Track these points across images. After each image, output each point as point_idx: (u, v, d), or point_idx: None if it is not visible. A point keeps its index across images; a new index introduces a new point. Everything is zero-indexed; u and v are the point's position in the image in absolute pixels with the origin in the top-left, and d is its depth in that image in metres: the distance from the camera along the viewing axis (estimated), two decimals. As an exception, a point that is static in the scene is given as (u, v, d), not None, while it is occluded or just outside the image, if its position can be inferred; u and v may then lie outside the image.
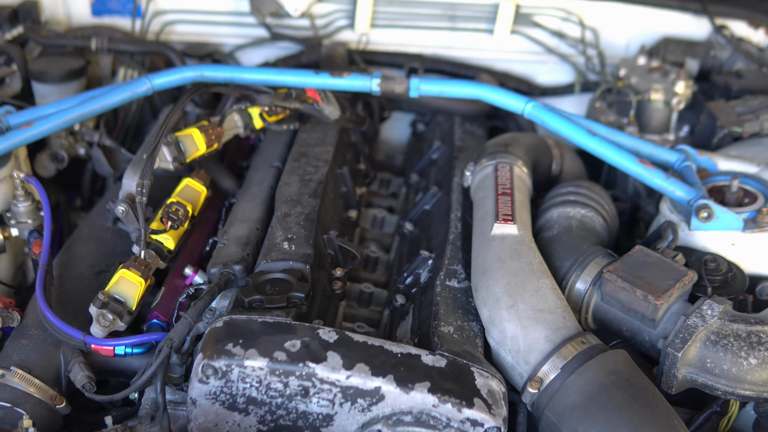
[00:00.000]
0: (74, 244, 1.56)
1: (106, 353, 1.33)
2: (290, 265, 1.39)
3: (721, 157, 1.64)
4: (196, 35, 2.25)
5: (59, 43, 2.03)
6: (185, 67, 1.67)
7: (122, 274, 1.37)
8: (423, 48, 2.23)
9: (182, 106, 1.58)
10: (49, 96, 1.89)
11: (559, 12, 2.19)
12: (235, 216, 1.56)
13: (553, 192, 1.65)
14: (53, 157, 1.87)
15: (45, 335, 1.34)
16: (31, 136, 1.56)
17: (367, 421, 1.15)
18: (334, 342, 1.18)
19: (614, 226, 1.62)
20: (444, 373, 1.17)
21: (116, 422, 1.27)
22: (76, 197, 1.98)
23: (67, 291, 1.44)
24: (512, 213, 1.48)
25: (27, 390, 1.27)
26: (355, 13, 2.19)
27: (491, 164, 1.63)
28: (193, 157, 1.58)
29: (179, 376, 1.28)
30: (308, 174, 1.65)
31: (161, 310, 1.42)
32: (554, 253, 1.48)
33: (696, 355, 1.25)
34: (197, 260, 1.54)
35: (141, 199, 1.42)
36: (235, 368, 1.14)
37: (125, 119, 2.06)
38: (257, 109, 1.70)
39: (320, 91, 1.71)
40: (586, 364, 1.21)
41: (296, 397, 1.15)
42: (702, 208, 1.45)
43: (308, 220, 1.51)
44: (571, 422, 1.17)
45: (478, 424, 1.13)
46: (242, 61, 2.29)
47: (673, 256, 1.40)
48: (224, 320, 1.22)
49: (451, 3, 2.20)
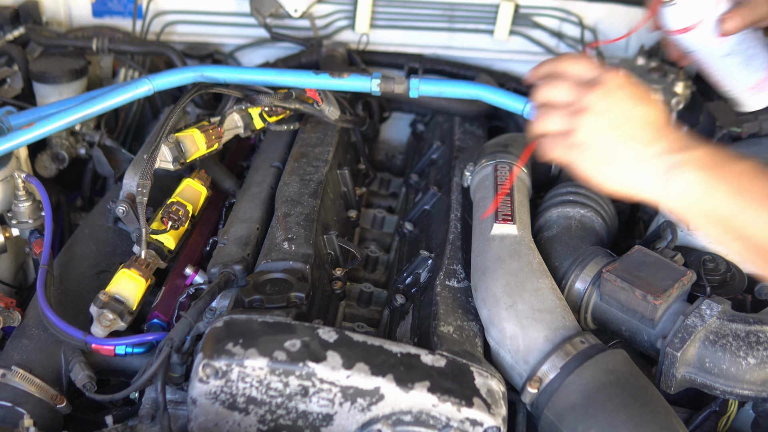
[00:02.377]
0: (75, 244, 1.56)
1: (106, 353, 1.34)
2: (290, 265, 1.40)
3: (720, 158, 1.64)
4: (196, 36, 2.26)
5: (60, 43, 2.03)
6: (186, 68, 1.67)
7: (123, 273, 1.37)
8: (423, 48, 2.23)
9: (183, 106, 1.58)
10: (50, 96, 1.89)
11: (558, 12, 2.19)
12: (235, 216, 1.57)
13: (552, 192, 1.65)
14: (54, 157, 1.87)
15: (46, 335, 1.34)
16: (33, 136, 1.56)
17: (367, 421, 1.15)
18: (333, 342, 1.18)
19: (613, 226, 1.63)
20: (443, 372, 1.17)
21: (117, 421, 1.27)
22: (77, 197, 1.99)
23: (67, 291, 1.45)
24: (512, 213, 1.49)
25: (28, 389, 1.27)
26: (355, 13, 2.19)
27: (491, 164, 1.63)
28: (193, 157, 1.59)
29: (179, 375, 1.28)
30: (308, 174, 1.65)
31: (161, 309, 1.43)
32: (553, 253, 1.48)
33: (695, 354, 1.26)
34: (197, 260, 1.55)
35: (141, 199, 1.42)
36: (235, 368, 1.15)
37: (126, 119, 2.06)
38: (257, 110, 1.70)
39: (320, 92, 1.71)
40: (585, 363, 1.21)
41: (296, 396, 1.15)
42: (701, 208, 1.45)
43: (308, 220, 1.51)
44: (570, 422, 1.18)
45: (477, 423, 1.13)
46: (242, 62, 2.29)
47: (672, 256, 1.40)
48: (224, 320, 1.22)
49: (451, 3, 2.20)
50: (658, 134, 1.01)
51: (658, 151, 1.00)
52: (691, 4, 1.22)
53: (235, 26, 2.25)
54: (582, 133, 1.01)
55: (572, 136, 1.02)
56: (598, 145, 1.01)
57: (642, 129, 1.01)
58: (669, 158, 1.00)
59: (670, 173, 0.99)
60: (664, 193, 1.01)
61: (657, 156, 1.00)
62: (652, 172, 1.00)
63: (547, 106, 1.05)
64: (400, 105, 2.16)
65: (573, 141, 1.02)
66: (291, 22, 2.22)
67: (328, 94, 1.74)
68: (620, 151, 1.01)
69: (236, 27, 2.25)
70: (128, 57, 2.08)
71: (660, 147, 1.00)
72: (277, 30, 2.21)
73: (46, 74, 1.89)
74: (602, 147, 1.01)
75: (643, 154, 1.00)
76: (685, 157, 0.99)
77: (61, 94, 1.89)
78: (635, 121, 1.01)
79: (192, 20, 2.24)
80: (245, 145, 1.95)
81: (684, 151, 1.00)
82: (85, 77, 1.95)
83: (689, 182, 0.98)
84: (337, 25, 2.23)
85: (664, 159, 1.00)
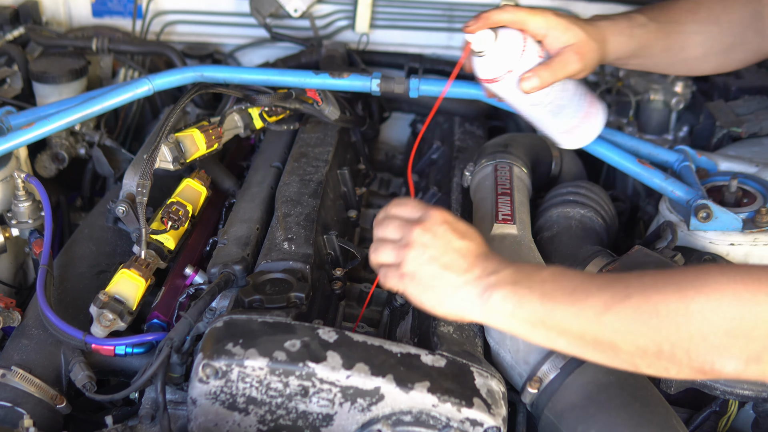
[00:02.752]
0: (75, 244, 1.56)
1: (106, 353, 1.34)
2: (290, 265, 1.40)
3: (720, 158, 1.64)
4: (196, 35, 2.26)
5: (60, 43, 2.03)
6: (185, 68, 1.67)
7: (123, 274, 1.37)
8: (423, 48, 2.23)
9: (182, 106, 1.58)
10: (50, 96, 1.89)
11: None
12: (235, 216, 1.57)
13: (552, 192, 1.65)
14: (54, 157, 1.87)
15: (45, 335, 1.34)
16: (32, 136, 1.56)
17: (367, 421, 1.15)
18: (333, 342, 1.18)
19: (614, 226, 1.63)
20: (443, 372, 1.17)
21: (117, 422, 1.27)
22: (77, 197, 1.99)
23: (67, 291, 1.45)
24: (512, 213, 1.49)
25: (27, 390, 1.27)
26: (355, 13, 2.19)
27: (491, 164, 1.63)
28: (193, 157, 1.59)
29: (179, 375, 1.28)
30: (308, 174, 1.65)
31: (161, 310, 1.43)
32: (554, 253, 1.48)
33: (695, 354, 1.26)
34: (197, 260, 1.55)
35: (141, 199, 1.42)
36: (235, 368, 1.14)
37: (125, 119, 2.06)
38: (257, 110, 1.70)
39: (320, 92, 1.71)
40: (585, 363, 1.21)
41: (296, 396, 1.15)
42: (701, 208, 1.45)
43: (308, 220, 1.51)
44: (570, 422, 1.18)
45: (477, 423, 1.13)
46: (242, 62, 2.29)
47: (673, 256, 1.40)
48: (224, 320, 1.22)
49: (451, 3, 2.20)
50: (473, 263, 1.13)
51: (473, 278, 1.12)
52: (496, 58, 1.28)
53: (235, 26, 2.25)
54: (408, 265, 1.13)
55: (401, 268, 1.14)
56: (421, 275, 1.13)
57: (459, 259, 1.13)
58: (482, 282, 1.11)
59: (485, 295, 1.10)
60: (484, 313, 1.11)
61: (472, 282, 1.12)
62: (471, 296, 1.11)
63: (382, 242, 1.17)
64: (400, 105, 2.16)
65: (402, 272, 1.14)
66: (291, 22, 2.22)
67: (328, 94, 1.74)
68: (441, 279, 1.12)
69: (236, 27, 2.25)
70: (128, 57, 2.08)
71: (474, 274, 1.12)
72: (277, 30, 2.21)
73: (45, 74, 1.89)
74: (425, 276, 1.13)
75: (460, 281, 1.12)
76: (494, 279, 1.11)
77: (60, 94, 1.89)
78: (453, 253, 1.13)
79: (192, 20, 2.24)
80: (245, 145, 1.95)
81: (494, 274, 1.12)
82: (85, 77, 1.95)
83: (502, 299, 1.09)
84: (337, 25, 2.23)
85: (479, 283, 1.11)
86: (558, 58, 1.31)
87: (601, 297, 1.05)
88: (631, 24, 1.43)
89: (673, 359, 1.02)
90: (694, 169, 1.57)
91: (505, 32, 1.29)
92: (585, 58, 1.32)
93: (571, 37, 1.31)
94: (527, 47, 1.29)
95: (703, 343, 1.00)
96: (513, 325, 1.10)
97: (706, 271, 1.04)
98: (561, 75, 1.32)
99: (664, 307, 1.01)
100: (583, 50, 1.32)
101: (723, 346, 0.99)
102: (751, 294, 0.99)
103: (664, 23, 1.47)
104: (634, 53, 1.45)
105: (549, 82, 1.31)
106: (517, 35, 1.29)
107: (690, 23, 1.50)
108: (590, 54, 1.34)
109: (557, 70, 1.31)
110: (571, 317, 1.06)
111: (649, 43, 1.46)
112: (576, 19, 1.35)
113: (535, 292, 1.09)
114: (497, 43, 1.28)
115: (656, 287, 1.03)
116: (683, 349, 1.01)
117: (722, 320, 0.99)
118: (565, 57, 1.32)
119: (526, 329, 1.10)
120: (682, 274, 1.04)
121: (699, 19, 1.51)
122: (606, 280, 1.08)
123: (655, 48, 1.47)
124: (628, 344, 1.04)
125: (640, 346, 1.03)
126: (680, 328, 1.00)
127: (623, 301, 1.03)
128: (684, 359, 1.01)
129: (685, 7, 1.52)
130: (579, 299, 1.06)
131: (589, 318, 1.05)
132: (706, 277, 1.02)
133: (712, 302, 0.99)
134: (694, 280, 1.02)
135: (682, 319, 1.00)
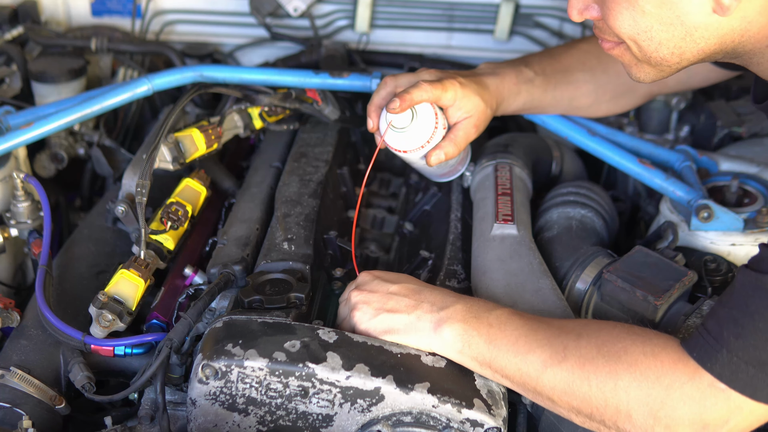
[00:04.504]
0: (74, 244, 1.56)
1: (105, 353, 1.33)
2: (290, 266, 1.39)
3: (721, 157, 1.64)
4: (196, 35, 2.25)
5: (59, 43, 2.03)
6: (185, 68, 1.67)
7: (122, 274, 1.37)
8: (423, 48, 2.23)
9: (182, 106, 1.57)
10: (49, 96, 1.89)
11: (559, 12, 2.19)
12: (234, 216, 1.56)
13: (553, 192, 1.65)
14: (53, 157, 1.87)
15: (45, 335, 1.34)
16: (31, 136, 1.56)
17: (367, 422, 1.15)
18: (333, 342, 1.18)
19: (614, 226, 1.62)
20: (444, 373, 1.17)
21: (116, 422, 1.27)
22: (76, 197, 1.98)
23: (66, 291, 1.44)
24: (512, 213, 1.48)
25: (26, 390, 1.27)
26: (355, 13, 2.19)
27: (491, 164, 1.63)
28: (193, 157, 1.58)
29: (179, 376, 1.28)
30: (308, 174, 1.65)
31: (161, 310, 1.42)
32: (554, 253, 1.48)
33: (696, 355, 1.25)
34: (197, 260, 1.54)
35: (141, 200, 1.42)
36: (234, 369, 1.14)
37: (125, 119, 2.06)
38: (257, 110, 1.70)
39: (320, 91, 1.71)
40: (586, 364, 1.21)
41: (296, 397, 1.15)
42: (702, 208, 1.45)
43: (308, 220, 1.51)
44: (571, 422, 1.17)
45: (477, 424, 1.13)
46: (242, 61, 2.29)
47: (673, 257, 1.40)
48: (224, 320, 1.22)
49: (451, 3, 2.19)
50: (416, 299, 1.21)
51: (422, 312, 1.19)
52: (413, 134, 1.40)
53: (235, 26, 2.25)
54: (361, 324, 1.22)
55: (358, 328, 1.22)
56: (375, 326, 1.20)
57: (401, 300, 1.21)
58: (434, 317, 1.19)
59: (438, 330, 1.18)
60: (439, 345, 1.18)
61: (423, 317, 1.19)
62: (426, 330, 1.19)
63: (343, 305, 1.28)
64: (400, 105, 2.15)
65: (360, 330, 1.22)
66: (291, 22, 2.22)
67: (328, 94, 1.74)
68: (395, 322, 1.19)
69: (236, 26, 2.25)
70: (127, 57, 2.08)
71: (422, 309, 1.20)
72: (277, 29, 2.20)
73: (44, 74, 1.88)
74: (381, 326, 1.20)
75: (412, 318, 1.19)
76: (444, 314, 1.18)
77: (59, 93, 1.89)
78: (393, 297, 1.22)
79: (191, 20, 2.24)
80: (245, 145, 1.95)
81: (444, 309, 1.19)
82: (84, 77, 1.95)
83: (453, 335, 1.17)
84: (337, 25, 2.23)
85: (431, 317, 1.19)
86: (460, 133, 1.43)
87: (541, 354, 1.12)
88: (518, 80, 1.53)
89: (603, 424, 1.09)
90: (695, 169, 1.57)
91: (422, 111, 1.39)
92: (480, 127, 1.46)
93: (471, 108, 1.43)
94: (439, 123, 1.41)
95: (628, 420, 1.07)
96: (464, 360, 1.17)
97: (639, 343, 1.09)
98: (462, 147, 1.44)
99: (594, 378, 1.08)
100: (479, 121, 1.44)
101: (647, 426, 1.06)
102: (670, 378, 1.05)
103: (551, 75, 1.56)
104: (523, 108, 1.57)
105: (453, 155, 1.43)
106: (431, 115, 1.40)
107: (579, 72, 1.59)
108: (485, 122, 1.47)
109: (460, 143, 1.43)
110: (513, 368, 1.13)
111: (536, 97, 1.56)
112: (474, 86, 1.44)
113: (482, 335, 1.16)
114: (415, 122, 1.39)
115: (590, 356, 1.09)
116: (612, 420, 1.08)
117: (646, 400, 1.05)
118: (466, 131, 1.43)
119: (475, 366, 1.17)
120: (615, 342, 1.10)
121: (588, 68, 1.59)
122: (547, 336, 1.14)
123: (543, 101, 1.58)
124: (564, 402, 1.11)
125: (574, 406, 1.10)
126: (608, 402, 1.07)
127: (560, 363, 1.10)
128: (613, 427, 1.08)
129: (574, 56, 1.60)
130: (521, 352, 1.13)
131: (530, 373, 1.12)
132: (635, 353, 1.08)
133: (638, 381, 1.06)
134: (624, 354, 1.08)
135: (610, 394, 1.07)
